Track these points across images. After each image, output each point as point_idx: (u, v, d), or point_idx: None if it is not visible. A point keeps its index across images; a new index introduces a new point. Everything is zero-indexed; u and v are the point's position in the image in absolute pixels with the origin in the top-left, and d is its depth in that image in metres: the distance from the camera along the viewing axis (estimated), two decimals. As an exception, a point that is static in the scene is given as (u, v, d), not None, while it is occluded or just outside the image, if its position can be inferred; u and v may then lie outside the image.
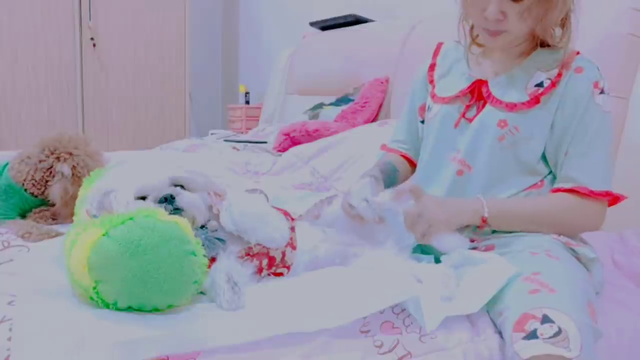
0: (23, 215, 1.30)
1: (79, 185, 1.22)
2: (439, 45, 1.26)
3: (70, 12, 3.35)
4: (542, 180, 1.08)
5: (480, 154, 1.09)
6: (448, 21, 1.18)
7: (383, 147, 1.34)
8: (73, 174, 1.27)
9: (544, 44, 1.09)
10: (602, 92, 1.03)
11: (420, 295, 0.88)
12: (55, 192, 1.26)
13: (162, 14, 3.65)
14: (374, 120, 2.31)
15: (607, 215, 1.05)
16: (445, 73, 1.21)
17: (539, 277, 0.90)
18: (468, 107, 1.13)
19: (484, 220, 1.01)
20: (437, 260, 1.07)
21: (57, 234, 1.17)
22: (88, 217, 0.92)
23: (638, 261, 1.25)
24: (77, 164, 1.27)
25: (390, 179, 1.19)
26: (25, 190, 1.27)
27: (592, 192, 1.01)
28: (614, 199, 1.03)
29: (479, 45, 1.16)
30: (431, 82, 1.23)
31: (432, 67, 1.24)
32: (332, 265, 1.01)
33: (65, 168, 1.26)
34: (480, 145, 1.09)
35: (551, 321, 0.81)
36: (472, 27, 1.14)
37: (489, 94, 1.10)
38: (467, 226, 1.05)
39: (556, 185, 1.06)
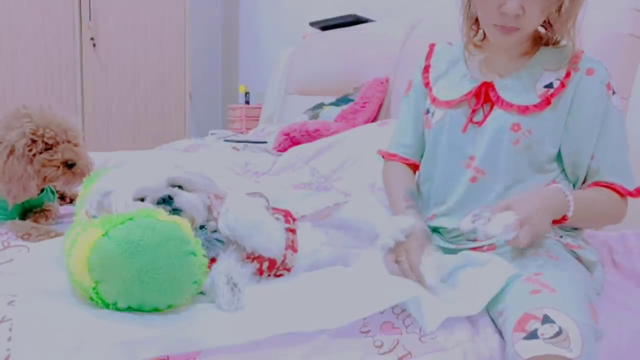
0: (23, 216, 1.29)
1: (31, 161, 1.16)
2: (432, 47, 1.23)
3: (70, 12, 3.35)
4: (553, 180, 1.07)
5: (497, 160, 1.06)
6: (448, 21, 1.17)
7: (384, 155, 1.27)
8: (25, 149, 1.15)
9: (547, 43, 1.08)
10: (614, 92, 1.04)
11: (420, 295, 0.88)
12: None
13: (162, 14, 3.65)
14: (374, 120, 2.31)
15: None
16: (442, 75, 1.18)
17: (540, 278, 0.89)
18: (474, 110, 1.09)
19: (565, 219, 0.97)
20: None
21: (57, 234, 1.17)
22: (87, 218, 0.92)
23: (638, 262, 1.25)
24: (20, 140, 1.15)
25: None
26: None
27: (628, 191, 1.04)
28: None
29: (477, 45, 1.13)
30: (427, 85, 1.20)
31: (426, 69, 1.21)
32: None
33: None
34: (496, 151, 1.06)
35: (552, 321, 0.81)
36: (470, 27, 1.11)
37: (498, 97, 1.07)
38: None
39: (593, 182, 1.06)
